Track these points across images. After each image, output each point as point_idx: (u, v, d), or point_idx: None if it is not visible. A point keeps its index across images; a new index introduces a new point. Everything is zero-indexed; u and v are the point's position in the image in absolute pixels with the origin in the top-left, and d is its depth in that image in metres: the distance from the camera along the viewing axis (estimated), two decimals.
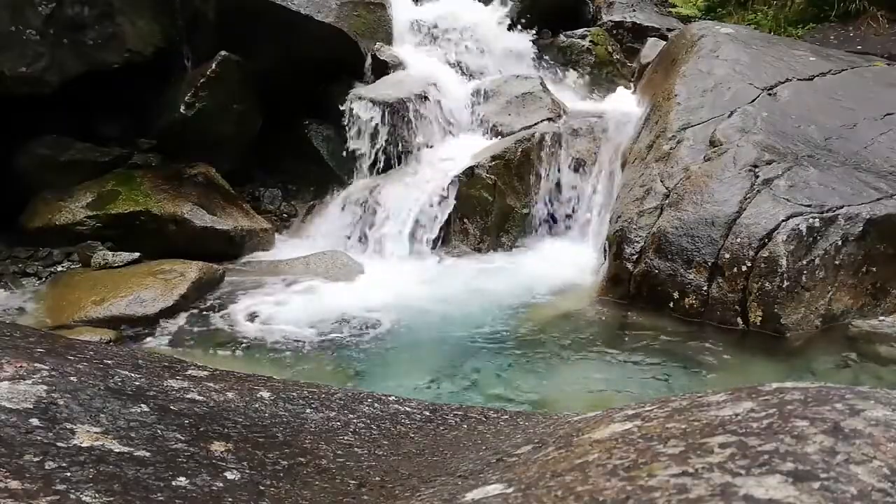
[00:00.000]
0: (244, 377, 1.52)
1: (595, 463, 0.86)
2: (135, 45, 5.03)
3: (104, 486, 0.94)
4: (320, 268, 4.67)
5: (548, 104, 5.62)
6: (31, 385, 1.14)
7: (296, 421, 1.29)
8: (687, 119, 4.74)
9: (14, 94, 4.61)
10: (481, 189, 5.05)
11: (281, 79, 5.40)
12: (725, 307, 3.88)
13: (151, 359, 1.52)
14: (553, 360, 3.64)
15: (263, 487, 1.03)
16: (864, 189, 4.09)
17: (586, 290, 4.45)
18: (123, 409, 1.17)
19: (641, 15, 7.30)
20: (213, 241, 4.87)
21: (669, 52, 5.77)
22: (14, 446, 0.98)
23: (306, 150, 5.65)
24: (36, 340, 1.43)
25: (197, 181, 5.08)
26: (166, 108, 5.25)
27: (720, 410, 0.93)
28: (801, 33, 6.90)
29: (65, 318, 3.97)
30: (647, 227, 4.23)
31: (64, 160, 4.92)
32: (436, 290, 4.46)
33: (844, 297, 3.87)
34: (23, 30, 4.60)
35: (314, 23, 5.42)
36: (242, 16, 5.29)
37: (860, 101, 4.85)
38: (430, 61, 5.97)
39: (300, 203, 5.64)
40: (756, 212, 3.96)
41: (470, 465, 1.10)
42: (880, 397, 0.89)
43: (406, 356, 3.75)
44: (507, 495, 0.86)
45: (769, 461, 0.75)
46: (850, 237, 3.86)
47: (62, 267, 4.59)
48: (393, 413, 1.41)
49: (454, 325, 4.01)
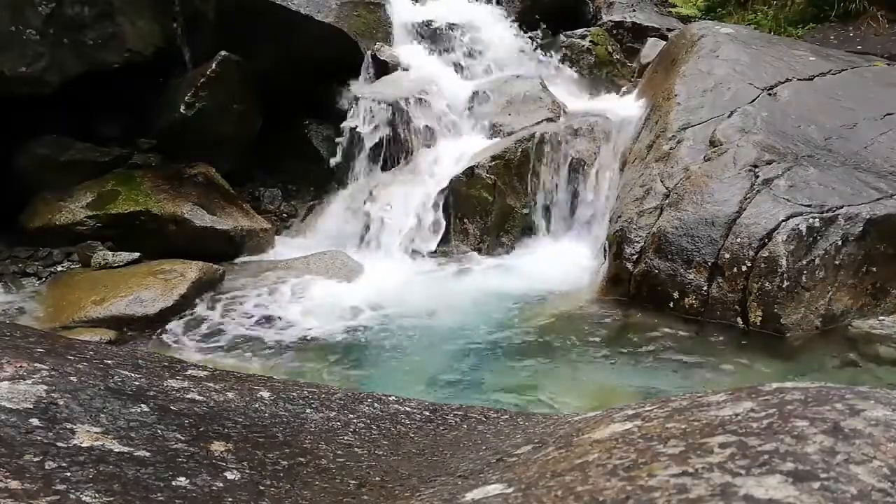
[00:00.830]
0: (244, 377, 1.52)
1: (595, 463, 0.86)
2: (135, 45, 5.03)
3: (104, 486, 0.94)
4: (320, 268, 4.67)
5: (548, 104, 5.61)
6: (31, 385, 1.14)
7: (296, 421, 1.29)
8: (687, 119, 4.74)
9: (14, 94, 4.61)
10: (481, 189, 5.05)
11: (281, 79, 5.40)
12: (725, 307, 3.88)
13: (151, 359, 1.52)
14: (553, 359, 3.64)
15: (263, 487, 1.03)
16: (864, 189, 4.09)
17: (586, 290, 4.45)
18: (123, 409, 1.17)
19: (641, 15, 7.30)
20: (213, 241, 4.87)
21: (669, 52, 5.77)
22: (14, 446, 0.98)
23: (306, 150, 5.65)
24: (36, 340, 1.43)
25: (197, 181, 5.08)
26: (166, 108, 5.25)
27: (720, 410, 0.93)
28: (801, 33, 6.89)
29: (65, 318, 3.97)
30: (647, 227, 4.23)
31: (64, 160, 4.92)
32: (435, 289, 4.46)
33: (844, 297, 3.87)
34: (23, 30, 4.60)
35: (314, 23, 5.42)
36: (242, 16, 5.29)
37: (860, 101, 4.85)
38: (429, 61, 5.97)
39: (300, 203, 5.64)
40: (756, 212, 3.96)
41: (470, 465, 1.10)
42: (880, 397, 0.89)
43: (406, 356, 3.75)
44: (507, 495, 0.86)
45: (769, 461, 0.75)
46: (850, 237, 3.86)
47: (62, 267, 4.59)
48: (393, 413, 1.41)
49: (454, 325, 4.01)
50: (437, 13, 6.34)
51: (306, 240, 5.23)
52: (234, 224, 4.99)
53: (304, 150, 5.65)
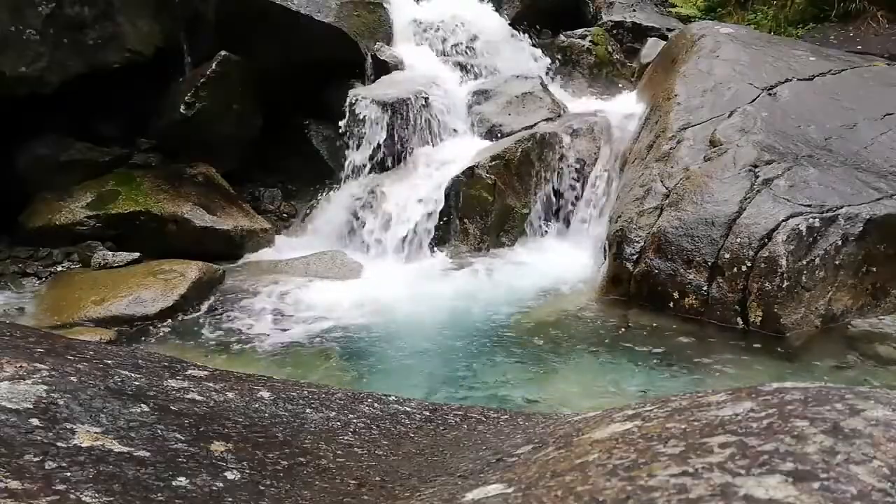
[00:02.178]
0: (244, 377, 1.52)
1: (595, 463, 0.86)
2: (135, 45, 5.04)
3: (104, 486, 0.94)
4: (320, 268, 4.67)
5: (548, 104, 5.62)
6: (31, 385, 1.14)
7: (296, 421, 1.29)
8: (687, 119, 4.74)
9: (14, 94, 4.61)
10: (481, 189, 5.05)
11: (281, 79, 5.40)
12: (725, 307, 3.88)
13: (151, 359, 1.52)
14: (553, 359, 3.64)
15: (263, 487, 1.03)
16: (864, 189, 4.09)
17: (586, 289, 4.45)
18: (123, 409, 1.17)
19: (641, 15, 7.30)
20: (213, 241, 4.87)
21: (669, 52, 5.77)
22: (14, 446, 0.98)
23: (306, 150, 5.65)
24: (36, 340, 1.43)
25: (197, 181, 5.08)
26: (166, 108, 5.25)
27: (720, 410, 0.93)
28: (801, 33, 6.89)
29: (65, 318, 3.97)
30: (647, 227, 4.23)
31: (64, 160, 4.93)
32: (435, 289, 4.46)
33: (844, 297, 3.87)
34: (23, 30, 4.60)
35: (314, 23, 5.43)
36: (242, 16, 5.30)
37: (860, 101, 4.85)
38: (430, 61, 5.97)
39: (300, 203, 5.64)
40: (756, 212, 3.96)
41: (470, 465, 1.10)
42: (880, 397, 0.89)
43: (406, 356, 3.74)
44: (507, 495, 0.86)
45: (769, 461, 0.75)
46: (850, 237, 3.86)
47: (62, 267, 4.59)
48: (393, 413, 1.41)
49: (454, 325, 4.01)
50: (438, 13, 6.35)
51: (306, 240, 5.23)
52: (234, 224, 4.99)
53: (304, 150, 5.65)
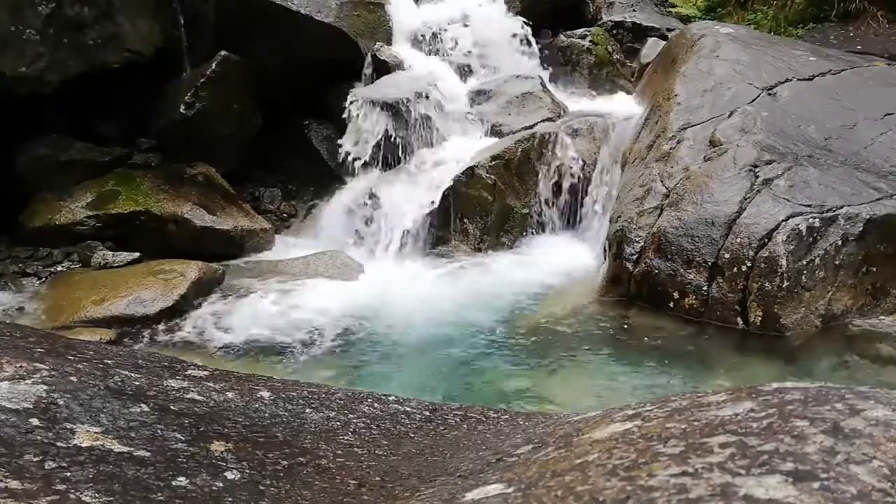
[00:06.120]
0: (244, 377, 1.52)
1: (595, 463, 0.86)
2: (135, 45, 5.04)
3: (104, 486, 0.94)
4: (320, 268, 4.67)
5: (548, 104, 5.62)
6: (31, 385, 1.14)
7: (296, 421, 1.29)
8: (687, 119, 4.74)
9: (14, 94, 4.61)
10: (481, 189, 5.05)
11: (281, 79, 5.40)
12: (725, 307, 3.88)
13: (151, 359, 1.52)
14: (553, 359, 3.64)
15: (263, 487, 1.03)
16: (864, 189, 4.09)
17: (586, 290, 4.45)
18: (123, 409, 1.17)
19: (641, 15, 7.30)
20: (213, 241, 4.87)
21: (669, 52, 5.77)
22: (14, 446, 0.98)
23: (306, 150, 5.65)
24: (36, 340, 1.43)
25: (197, 181, 5.08)
26: (166, 108, 5.25)
27: (720, 410, 0.93)
28: (801, 33, 6.89)
29: (65, 318, 3.97)
30: (647, 227, 4.23)
31: (64, 160, 4.93)
32: (435, 289, 4.46)
33: (844, 297, 3.87)
34: (23, 30, 4.60)
35: (314, 23, 5.42)
36: (242, 15, 5.30)
37: (860, 101, 4.85)
38: (430, 61, 5.97)
39: (300, 203, 5.64)
40: (756, 212, 3.97)
41: (470, 465, 1.10)
42: (880, 397, 0.89)
43: (406, 356, 3.75)
44: (507, 495, 0.86)
45: (769, 461, 0.75)
46: (850, 237, 3.86)
47: (62, 267, 4.59)
48: (393, 413, 1.41)
49: (454, 325, 4.01)
50: (438, 13, 6.35)
51: (306, 240, 5.24)
52: (234, 224, 4.99)
53: (304, 150, 5.65)
